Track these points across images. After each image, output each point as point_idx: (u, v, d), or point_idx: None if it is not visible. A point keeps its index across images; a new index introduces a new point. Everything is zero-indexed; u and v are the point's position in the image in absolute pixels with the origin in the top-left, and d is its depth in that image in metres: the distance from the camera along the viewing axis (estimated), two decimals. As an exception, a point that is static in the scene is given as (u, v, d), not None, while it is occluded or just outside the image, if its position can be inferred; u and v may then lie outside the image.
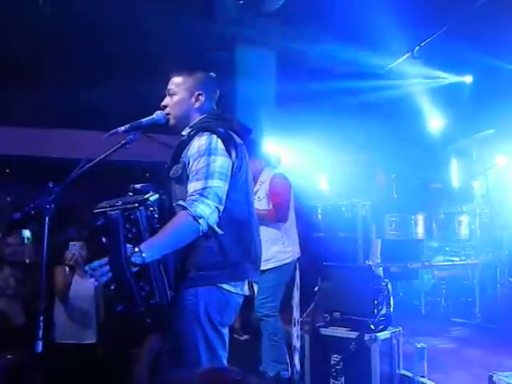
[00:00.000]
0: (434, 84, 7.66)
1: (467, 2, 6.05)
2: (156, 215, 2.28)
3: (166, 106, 2.55)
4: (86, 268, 2.20)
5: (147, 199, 2.28)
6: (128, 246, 2.16)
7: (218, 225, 2.29)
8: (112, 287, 2.20)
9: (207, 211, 2.22)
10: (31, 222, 4.69)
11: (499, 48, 6.46)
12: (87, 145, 2.39)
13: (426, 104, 7.82)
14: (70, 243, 4.33)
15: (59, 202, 2.27)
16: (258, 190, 4.46)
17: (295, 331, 4.27)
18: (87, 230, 5.17)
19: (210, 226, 2.25)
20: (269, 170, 4.58)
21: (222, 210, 2.28)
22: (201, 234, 2.24)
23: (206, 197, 2.23)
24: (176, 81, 2.57)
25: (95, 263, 2.18)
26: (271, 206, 4.43)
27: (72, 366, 4.26)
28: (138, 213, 2.23)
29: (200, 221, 2.20)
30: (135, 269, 2.14)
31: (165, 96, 2.57)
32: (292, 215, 4.57)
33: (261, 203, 4.41)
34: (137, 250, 2.14)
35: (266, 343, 4.36)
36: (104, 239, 2.24)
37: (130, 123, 2.46)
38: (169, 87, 2.57)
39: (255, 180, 4.41)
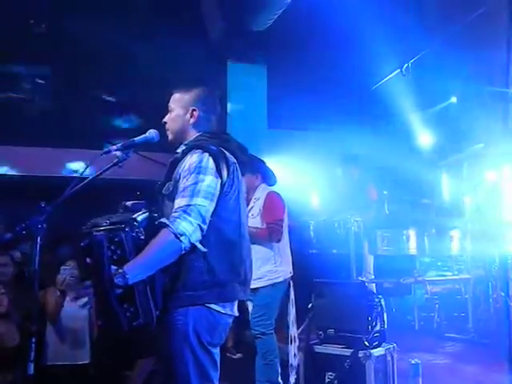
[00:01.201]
0: (423, 101, 7.73)
1: (454, 21, 6.15)
2: (142, 236, 2.25)
3: (166, 123, 2.58)
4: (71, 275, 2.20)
5: (134, 219, 2.26)
6: (112, 267, 2.14)
7: (208, 244, 2.28)
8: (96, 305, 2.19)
9: (189, 228, 2.20)
10: (23, 242, 4.67)
11: (482, 68, 6.56)
12: (78, 163, 2.37)
13: (415, 120, 7.89)
14: (62, 267, 4.30)
15: (51, 220, 2.26)
16: (252, 207, 4.44)
17: (292, 348, 4.24)
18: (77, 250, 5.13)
19: (192, 244, 2.23)
20: (264, 187, 4.57)
21: (205, 229, 2.26)
22: (183, 251, 2.22)
23: (189, 214, 2.22)
24: (174, 97, 2.59)
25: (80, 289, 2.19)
26: (264, 224, 4.41)
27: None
28: (122, 234, 2.20)
29: (182, 238, 2.19)
30: (119, 290, 2.13)
31: (159, 111, 2.60)
32: (286, 235, 4.53)
33: (254, 221, 4.39)
34: (120, 271, 2.12)
35: (260, 362, 4.31)
36: (88, 260, 2.22)
37: (122, 142, 2.46)
38: (169, 104, 2.60)
39: (249, 197, 4.40)
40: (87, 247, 2.22)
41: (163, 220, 2.23)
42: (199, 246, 2.26)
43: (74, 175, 2.33)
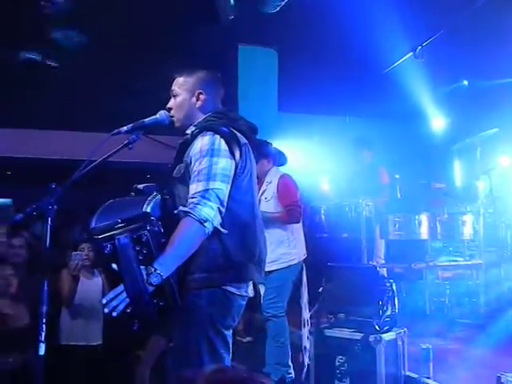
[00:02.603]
0: (436, 84, 7.63)
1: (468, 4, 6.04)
2: (162, 229, 2.23)
3: (170, 108, 2.54)
4: (103, 302, 2.12)
5: (148, 214, 2.21)
6: (142, 267, 2.11)
7: (222, 226, 2.27)
8: (128, 310, 2.13)
9: (211, 213, 2.20)
10: (34, 224, 4.70)
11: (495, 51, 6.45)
12: (90, 146, 2.36)
13: (428, 104, 7.80)
14: (72, 253, 4.31)
15: (62, 202, 2.25)
16: (264, 191, 4.45)
17: (305, 331, 4.25)
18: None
19: (214, 227, 2.22)
20: (276, 170, 4.57)
21: (223, 211, 2.25)
22: (207, 236, 2.22)
23: (208, 199, 2.21)
24: (178, 81, 2.56)
25: (110, 294, 2.13)
26: (281, 207, 4.41)
27: (77, 368, 4.26)
28: (147, 233, 2.16)
29: (206, 224, 2.19)
30: (152, 288, 2.11)
31: (167, 95, 2.56)
32: None
33: (268, 204, 4.40)
34: (152, 269, 2.10)
35: (270, 345, 4.34)
36: (114, 265, 2.16)
37: (132, 123, 2.44)
38: (172, 88, 2.56)
39: (261, 180, 4.40)
40: (112, 252, 2.14)
41: (182, 208, 2.22)
42: (221, 229, 2.25)
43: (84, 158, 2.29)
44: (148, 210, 2.23)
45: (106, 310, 2.11)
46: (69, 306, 4.37)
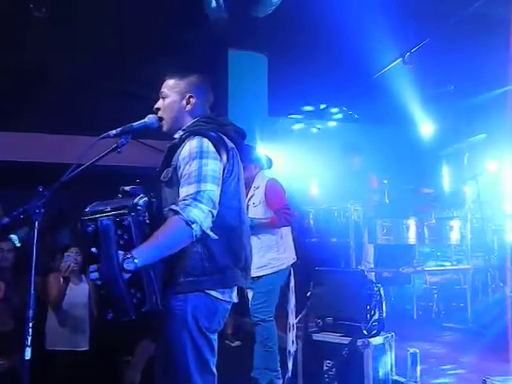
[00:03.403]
0: (424, 90, 7.70)
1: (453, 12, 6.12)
2: (147, 220, 2.25)
3: (158, 109, 2.53)
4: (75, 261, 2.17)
5: (137, 204, 2.24)
6: (120, 252, 2.13)
7: (210, 230, 2.26)
8: (102, 291, 2.16)
9: (201, 216, 2.18)
10: (22, 227, 4.67)
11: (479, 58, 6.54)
12: (78, 150, 2.35)
13: (417, 109, 7.87)
14: (65, 254, 4.29)
15: (51, 206, 2.24)
16: (252, 196, 4.45)
17: (291, 336, 4.25)
18: (78, 235, 5.13)
19: (203, 231, 2.21)
20: (262, 175, 4.57)
21: (215, 214, 2.25)
22: (194, 239, 2.21)
23: (200, 201, 2.20)
24: (168, 83, 2.55)
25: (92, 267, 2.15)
26: (270, 211, 4.42)
27: (64, 373, 4.23)
28: (129, 218, 2.19)
29: (193, 226, 2.17)
30: (127, 275, 2.11)
31: (158, 99, 2.56)
32: None
33: (256, 209, 4.41)
34: (129, 256, 2.10)
35: (259, 349, 4.33)
36: (94, 246, 2.19)
37: (121, 127, 2.44)
38: (162, 90, 2.56)
39: (249, 186, 4.41)
40: (93, 232, 2.19)
41: (173, 207, 2.21)
42: (211, 233, 2.24)
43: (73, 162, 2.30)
44: (139, 202, 2.25)
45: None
46: (56, 309, 4.35)
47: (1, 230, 4.23)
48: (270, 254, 4.37)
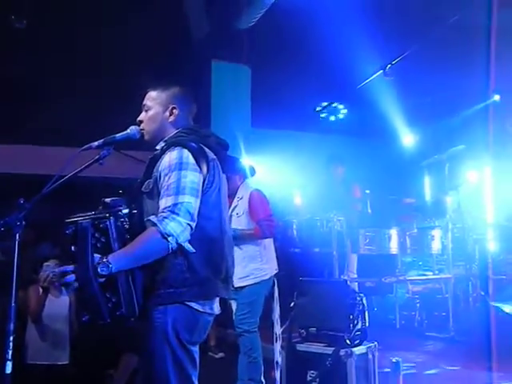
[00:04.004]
0: (405, 101, 7.80)
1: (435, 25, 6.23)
2: (126, 226, 2.27)
3: (141, 122, 2.53)
4: (56, 270, 2.20)
5: (119, 210, 2.28)
6: (96, 255, 2.14)
7: (189, 242, 2.26)
8: (75, 286, 2.18)
9: (178, 229, 2.18)
10: (3, 240, 4.61)
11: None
12: (60, 161, 2.34)
13: (398, 121, 7.96)
14: (44, 264, 4.24)
15: (32, 218, 2.23)
16: (236, 206, 4.46)
17: (277, 346, 4.24)
18: (60, 247, 5.08)
19: (180, 245, 2.21)
20: (246, 185, 4.58)
21: (194, 226, 2.25)
22: (170, 251, 2.21)
23: (177, 214, 2.20)
24: (151, 95, 2.56)
25: (62, 268, 2.17)
26: (253, 222, 4.43)
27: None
28: (107, 222, 2.21)
29: (169, 239, 2.17)
30: (102, 279, 2.12)
31: (141, 111, 2.57)
32: None
33: (240, 219, 4.41)
34: (104, 260, 2.12)
35: (243, 360, 4.32)
36: (73, 248, 2.22)
37: (103, 138, 2.44)
38: (144, 102, 2.56)
39: (232, 196, 4.42)
40: (72, 234, 2.21)
41: (152, 218, 2.21)
42: (187, 246, 2.24)
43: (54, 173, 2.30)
44: (122, 210, 2.29)
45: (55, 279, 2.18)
46: (36, 321, 4.29)
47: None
48: (253, 265, 4.37)
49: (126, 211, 2.30)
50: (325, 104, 8.68)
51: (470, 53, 6.09)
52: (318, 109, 8.72)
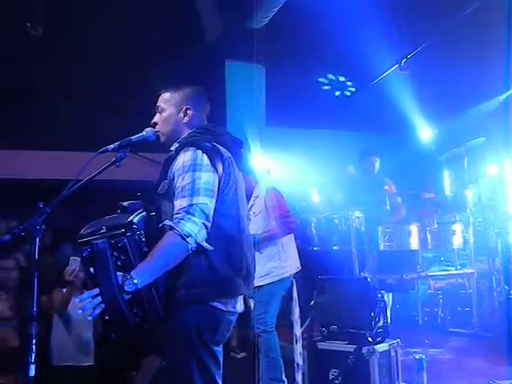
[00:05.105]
0: (422, 95, 7.72)
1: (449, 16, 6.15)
2: (143, 238, 2.24)
3: (156, 124, 2.54)
4: (77, 301, 2.15)
5: (132, 222, 2.23)
6: (118, 273, 2.11)
7: (207, 241, 2.25)
8: (106, 317, 2.15)
9: (195, 229, 2.18)
10: (25, 245, 4.66)
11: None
12: (77, 165, 2.36)
13: (415, 115, 7.88)
14: (71, 258, 4.23)
15: (52, 222, 2.24)
16: (252, 205, 4.46)
17: (297, 347, 4.22)
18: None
19: (198, 244, 2.21)
20: (261, 184, 4.58)
21: (209, 226, 2.24)
22: (189, 252, 2.20)
23: (193, 214, 2.20)
24: (164, 97, 2.56)
25: (85, 294, 2.13)
26: (271, 220, 4.42)
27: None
28: (125, 239, 2.18)
29: (188, 239, 2.17)
30: (127, 296, 2.11)
31: (155, 113, 2.57)
32: None
33: (257, 218, 4.41)
34: (128, 277, 2.10)
35: (263, 360, 4.31)
36: (92, 269, 2.18)
37: (119, 141, 2.45)
38: (158, 104, 2.56)
39: (249, 196, 4.42)
40: (90, 256, 2.18)
41: (167, 222, 2.21)
42: (206, 245, 2.24)
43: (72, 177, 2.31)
44: (134, 220, 2.24)
45: (80, 312, 2.12)
46: (62, 316, 4.31)
47: (2, 248, 4.22)
48: (272, 263, 4.35)
49: (139, 218, 2.27)
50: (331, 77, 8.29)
51: (490, 44, 5.99)
52: (320, 79, 8.28)
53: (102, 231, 2.22)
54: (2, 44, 5.67)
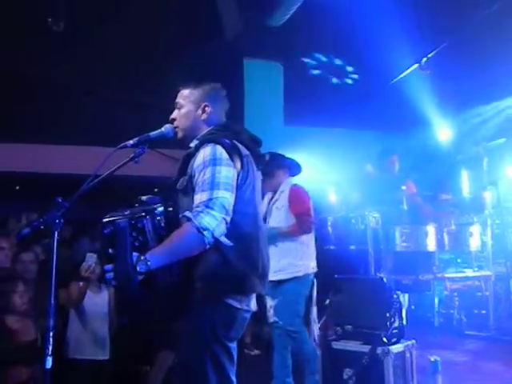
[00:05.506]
0: (442, 95, 7.65)
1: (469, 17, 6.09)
2: (163, 224, 2.30)
3: (174, 120, 2.56)
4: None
5: (154, 208, 2.30)
6: (134, 253, 2.16)
7: (225, 237, 2.26)
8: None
9: (213, 223, 2.19)
10: (44, 238, 4.72)
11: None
12: (96, 160, 2.38)
13: (434, 114, 7.81)
14: (88, 254, 4.29)
15: (71, 217, 2.27)
16: (277, 200, 4.46)
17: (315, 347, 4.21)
18: (98, 243, 5.17)
19: (216, 238, 2.22)
20: (289, 180, 4.58)
21: (229, 220, 2.25)
22: (207, 246, 2.21)
23: (212, 208, 2.21)
24: (183, 94, 2.58)
25: (107, 267, 2.20)
26: (291, 216, 4.40)
27: (85, 382, 4.25)
28: (144, 221, 2.25)
29: (205, 233, 2.18)
30: (141, 277, 2.14)
31: (174, 109, 2.59)
32: None
33: (279, 212, 4.41)
34: (142, 258, 2.14)
35: (277, 358, 4.30)
36: (110, 250, 2.24)
37: (138, 137, 2.46)
38: (177, 100, 2.58)
39: (275, 190, 4.44)
40: (110, 234, 2.24)
41: (187, 214, 2.23)
42: (224, 239, 2.25)
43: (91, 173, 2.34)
44: (158, 208, 2.31)
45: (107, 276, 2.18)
46: (78, 310, 4.35)
47: (22, 241, 4.28)
48: (287, 260, 4.30)
49: (161, 209, 2.32)
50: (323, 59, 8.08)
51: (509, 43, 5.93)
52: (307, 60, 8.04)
53: (126, 213, 2.29)
54: (23, 39, 5.74)
